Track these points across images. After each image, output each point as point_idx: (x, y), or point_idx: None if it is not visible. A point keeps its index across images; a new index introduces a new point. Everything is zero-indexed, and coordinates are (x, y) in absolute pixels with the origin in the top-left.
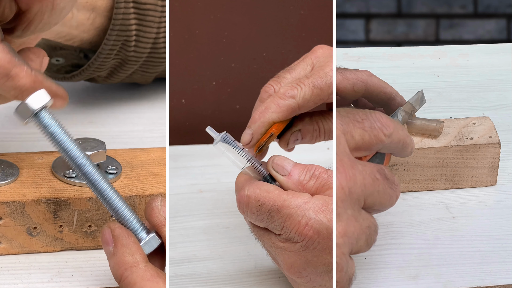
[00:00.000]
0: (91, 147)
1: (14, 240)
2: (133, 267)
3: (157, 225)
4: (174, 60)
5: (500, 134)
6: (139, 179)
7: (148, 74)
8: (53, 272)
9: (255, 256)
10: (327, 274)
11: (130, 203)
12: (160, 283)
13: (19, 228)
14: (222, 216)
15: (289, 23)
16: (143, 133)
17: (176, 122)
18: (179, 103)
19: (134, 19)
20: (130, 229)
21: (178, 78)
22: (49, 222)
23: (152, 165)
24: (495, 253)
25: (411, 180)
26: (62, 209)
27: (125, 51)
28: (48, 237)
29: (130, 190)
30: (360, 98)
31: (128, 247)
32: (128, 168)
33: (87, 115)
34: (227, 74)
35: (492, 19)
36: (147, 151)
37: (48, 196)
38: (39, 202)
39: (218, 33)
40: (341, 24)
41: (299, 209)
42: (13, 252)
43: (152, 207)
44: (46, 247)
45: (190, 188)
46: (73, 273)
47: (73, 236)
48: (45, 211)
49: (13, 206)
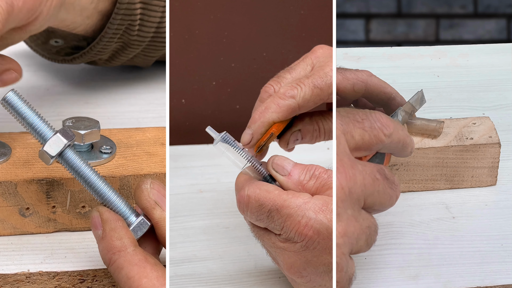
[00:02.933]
0: (84, 126)
1: (6, 221)
2: (121, 251)
3: (146, 208)
4: (174, 60)
5: (500, 134)
6: (134, 159)
7: (150, 58)
8: (46, 253)
9: (255, 256)
10: (327, 274)
11: (124, 183)
12: (147, 267)
13: (11, 208)
14: (222, 216)
15: (289, 23)
16: (139, 114)
17: (176, 122)
18: (179, 103)
19: (139, 3)
20: (119, 214)
21: (178, 78)
22: (42, 203)
23: (148, 145)
24: (495, 253)
25: (411, 180)
26: (55, 189)
27: (128, 35)
28: (41, 218)
29: (124, 170)
30: (360, 98)
31: (117, 231)
32: (123, 147)
33: (82, 96)
34: (227, 74)
35: (492, 19)
36: (142, 131)
37: (40, 176)
38: (32, 182)
39: (218, 33)
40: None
41: (299, 209)
42: (5, 234)
43: (141, 190)
44: (39, 228)
45: (190, 188)
46: (67, 254)
47: (66, 217)
48: (37, 191)
49: (4, 186)
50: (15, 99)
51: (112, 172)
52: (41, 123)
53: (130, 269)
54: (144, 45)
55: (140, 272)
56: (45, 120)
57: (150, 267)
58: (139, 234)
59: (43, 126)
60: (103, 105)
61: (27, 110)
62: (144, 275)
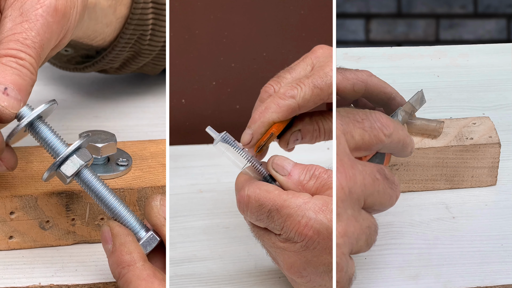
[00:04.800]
0: (101, 140)
1: (26, 234)
2: (130, 266)
3: (156, 225)
4: (174, 60)
5: (500, 134)
6: (150, 171)
7: (158, 66)
8: (57, 266)
9: (255, 256)
10: (327, 274)
11: (142, 195)
12: (155, 283)
13: (32, 222)
14: (222, 216)
15: (289, 23)
16: (148, 127)
17: (176, 122)
18: (179, 103)
19: (151, 13)
20: (129, 228)
21: (178, 78)
22: (62, 216)
23: (162, 157)
24: (495, 253)
25: (411, 180)
26: (74, 202)
27: (140, 44)
28: (61, 230)
29: (142, 182)
30: (360, 98)
31: (126, 245)
32: (138, 160)
33: (92, 110)
34: (227, 74)
35: (492, 19)
36: (156, 143)
37: (60, 189)
38: (52, 195)
39: (218, 33)
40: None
41: (299, 209)
42: (25, 247)
43: (151, 207)
44: (59, 241)
45: (190, 188)
46: (77, 268)
47: (85, 229)
48: (57, 204)
49: (25, 200)
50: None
51: (130, 184)
52: (57, 141)
53: (138, 284)
54: (155, 54)
55: (147, 287)
56: (61, 137)
57: (158, 283)
58: (148, 249)
59: (59, 144)
60: (112, 119)
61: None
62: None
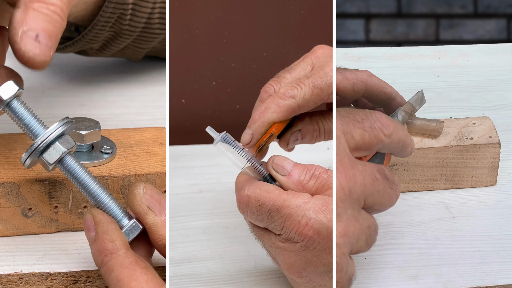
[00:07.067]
0: (85, 127)
1: (9, 221)
2: (113, 254)
3: (139, 213)
4: (174, 60)
5: (500, 134)
6: (134, 159)
7: (139, 50)
8: (39, 254)
9: (255, 256)
10: (327, 274)
11: (126, 183)
12: (137, 271)
13: (14, 209)
14: (222, 216)
15: (289, 23)
16: (135, 116)
17: (176, 122)
18: (179, 103)
19: None
20: (112, 216)
21: (178, 78)
22: (45, 203)
23: (147, 145)
24: (495, 253)
25: (411, 180)
26: (57, 189)
27: (120, 24)
28: (44, 218)
29: (126, 169)
30: (360, 98)
31: (109, 233)
32: (123, 147)
33: (78, 98)
34: (227, 74)
35: (492, 19)
36: (140, 131)
37: (43, 176)
38: (34, 182)
39: (218, 33)
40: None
41: (299, 209)
42: (7, 234)
43: (134, 195)
44: (41, 229)
45: (190, 188)
46: (60, 255)
47: (68, 217)
48: (40, 192)
49: (7, 187)
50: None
51: (113, 172)
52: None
53: (120, 272)
54: (135, 36)
55: (130, 275)
56: (39, 119)
57: (140, 270)
58: (130, 237)
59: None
60: (98, 107)
61: (26, 114)
62: (134, 278)
